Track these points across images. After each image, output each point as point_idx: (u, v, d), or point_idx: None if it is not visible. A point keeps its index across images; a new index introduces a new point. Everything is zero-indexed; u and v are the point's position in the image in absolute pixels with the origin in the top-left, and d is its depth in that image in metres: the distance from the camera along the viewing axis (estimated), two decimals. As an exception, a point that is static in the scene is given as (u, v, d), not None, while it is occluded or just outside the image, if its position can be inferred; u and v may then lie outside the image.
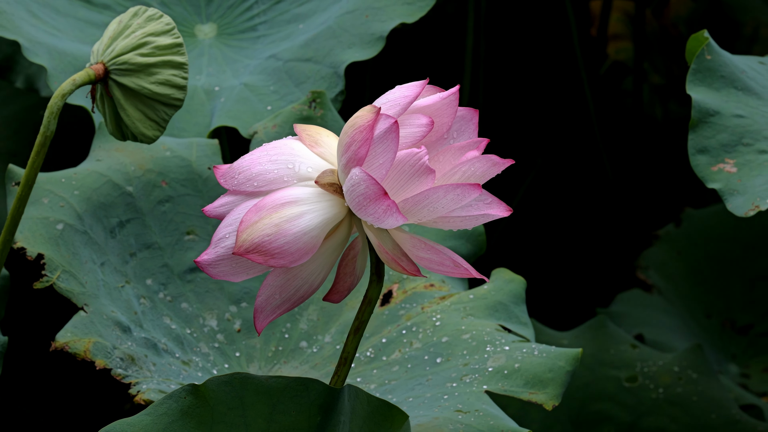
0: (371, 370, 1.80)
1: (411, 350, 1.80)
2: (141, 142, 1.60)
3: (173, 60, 1.58)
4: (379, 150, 1.33)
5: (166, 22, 1.59)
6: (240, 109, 2.22)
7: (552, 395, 1.65)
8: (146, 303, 1.83)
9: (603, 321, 2.79)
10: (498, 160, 1.36)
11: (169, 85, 1.58)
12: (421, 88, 1.37)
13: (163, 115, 1.59)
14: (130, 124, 1.58)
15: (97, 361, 1.67)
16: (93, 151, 1.94)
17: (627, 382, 2.73)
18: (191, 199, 1.93)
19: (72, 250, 1.77)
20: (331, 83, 2.24)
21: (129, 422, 1.39)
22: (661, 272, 3.13)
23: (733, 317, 3.09)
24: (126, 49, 1.57)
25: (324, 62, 2.25)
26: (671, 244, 3.17)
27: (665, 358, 2.75)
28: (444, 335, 1.79)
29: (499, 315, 1.83)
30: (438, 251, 1.37)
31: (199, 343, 1.84)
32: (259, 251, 1.34)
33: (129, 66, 1.57)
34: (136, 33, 1.58)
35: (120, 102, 1.58)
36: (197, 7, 2.46)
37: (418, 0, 2.29)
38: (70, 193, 1.84)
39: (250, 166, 1.38)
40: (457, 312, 1.83)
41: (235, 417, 1.41)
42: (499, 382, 1.67)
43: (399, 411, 1.43)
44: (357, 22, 2.28)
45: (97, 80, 1.57)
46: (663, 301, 3.09)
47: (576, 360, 1.68)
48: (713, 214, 3.20)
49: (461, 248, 1.94)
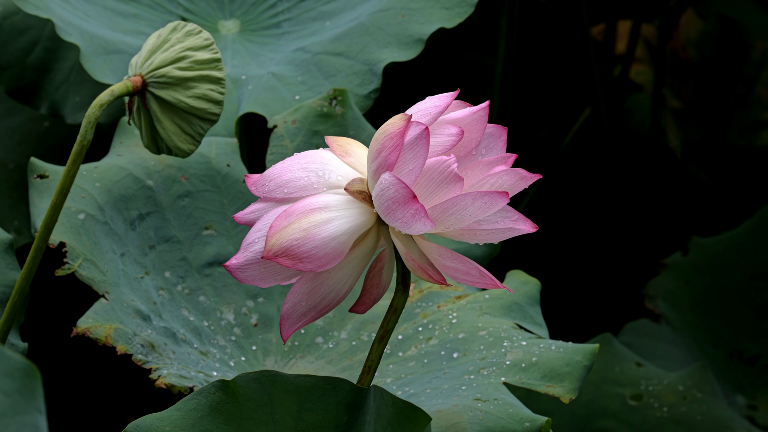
0: (387, 366, 1.80)
1: (427, 346, 1.80)
2: (176, 155, 1.61)
3: (211, 75, 1.60)
4: (409, 156, 1.34)
5: (205, 38, 1.61)
6: (268, 96, 2.22)
7: (569, 389, 1.66)
8: (165, 295, 1.84)
9: (608, 338, 2.80)
10: (526, 174, 1.38)
11: (205, 100, 1.59)
12: (452, 98, 1.39)
13: (198, 129, 1.61)
14: (166, 137, 1.60)
15: (118, 346, 1.68)
16: (114, 147, 1.96)
17: (632, 400, 2.73)
18: (210, 195, 1.94)
19: (93, 240, 1.78)
20: (365, 80, 2.24)
21: (158, 417, 1.41)
22: (668, 301, 3.13)
23: (740, 348, 3.09)
24: (165, 62, 1.58)
25: (357, 58, 2.26)
26: (678, 272, 3.17)
27: (670, 378, 2.75)
28: (461, 332, 1.80)
29: (515, 315, 1.84)
30: (464, 260, 1.39)
31: (216, 335, 1.84)
32: (287, 255, 1.35)
33: (167, 79, 1.58)
34: (175, 47, 1.59)
35: (156, 115, 1.59)
36: (221, 3, 2.47)
37: (456, 6, 2.30)
38: (92, 184, 1.85)
39: (281, 173, 1.40)
40: (473, 311, 1.84)
41: (264, 414, 1.42)
42: (517, 375, 1.68)
43: (422, 413, 1.44)
44: (393, 21, 2.29)
45: (134, 92, 1.58)
46: (671, 331, 3.08)
47: (593, 355, 1.69)
48: (721, 243, 3.20)
49: (475, 249, 1.95)
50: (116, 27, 2.32)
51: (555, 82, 3.67)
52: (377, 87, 2.23)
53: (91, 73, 2.17)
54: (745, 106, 3.60)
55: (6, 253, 1.82)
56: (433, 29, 2.26)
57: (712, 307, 3.13)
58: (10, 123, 2.73)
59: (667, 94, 3.58)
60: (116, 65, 2.21)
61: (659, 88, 3.45)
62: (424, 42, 2.25)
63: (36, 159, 1.86)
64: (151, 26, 2.37)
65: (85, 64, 2.16)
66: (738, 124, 3.61)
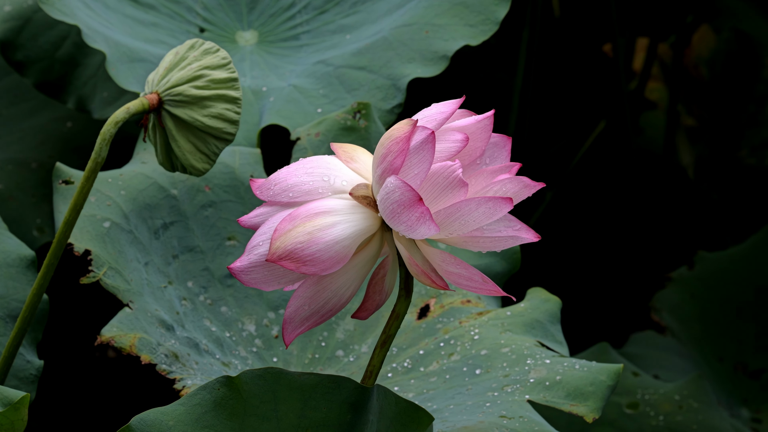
0: (408, 380, 1.80)
1: (449, 362, 1.80)
2: (190, 174, 1.61)
3: (227, 94, 1.60)
4: (415, 161, 1.35)
5: (222, 56, 1.60)
6: (290, 108, 2.22)
7: (593, 408, 1.66)
8: (187, 305, 1.84)
9: (605, 348, 2.81)
10: (529, 182, 1.39)
11: (221, 119, 1.59)
12: (457, 105, 1.39)
13: (213, 149, 1.60)
14: (181, 156, 1.60)
15: (142, 356, 1.67)
16: (137, 153, 1.95)
17: (628, 409, 2.74)
18: (233, 206, 1.94)
19: (118, 248, 1.78)
20: (388, 94, 2.24)
21: (163, 411, 1.41)
22: (674, 314, 3.14)
23: (745, 361, 3.09)
24: (181, 80, 1.58)
25: (380, 72, 2.26)
26: (684, 286, 3.18)
27: (666, 387, 2.77)
28: (483, 348, 1.80)
29: (536, 332, 1.84)
30: (467, 267, 1.39)
31: (238, 346, 1.84)
32: (291, 258, 1.36)
33: (183, 98, 1.58)
34: (192, 65, 1.59)
35: (172, 133, 1.59)
36: (239, 14, 2.47)
37: (480, 24, 2.29)
38: (117, 192, 1.85)
39: (286, 177, 1.40)
40: (495, 327, 1.84)
41: (267, 410, 1.42)
42: (541, 393, 1.68)
43: (425, 412, 1.44)
44: (416, 37, 2.28)
45: (150, 110, 1.58)
46: (676, 343, 3.09)
47: (617, 375, 1.69)
48: (726, 257, 3.21)
49: (496, 265, 1.95)
50: (137, 35, 2.32)
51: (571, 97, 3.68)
52: (401, 102, 2.23)
53: (117, 80, 2.17)
54: (756, 124, 3.61)
55: (28, 269, 1.83)
56: (457, 46, 2.25)
57: (717, 320, 3.14)
58: (33, 123, 2.74)
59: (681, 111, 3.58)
60: (139, 73, 2.21)
61: (674, 106, 3.46)
62: (448, 59, 2.25)
63: (61, 164, 1.86)
64: (171, 35, 2.37)
65: (110, 71, 2.16)
66: (749, 142, 3.61)
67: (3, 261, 1.82)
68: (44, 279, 1.57)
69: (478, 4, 2.30)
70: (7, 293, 1.79)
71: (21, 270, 1.83)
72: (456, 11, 2.30)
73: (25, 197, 2.62)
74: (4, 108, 2.76)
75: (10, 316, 1.78)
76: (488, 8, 2.30)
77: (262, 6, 2.49)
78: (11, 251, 1.84)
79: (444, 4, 2.31)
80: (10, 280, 1.81)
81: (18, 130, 2.74)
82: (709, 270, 3.20)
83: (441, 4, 2.31)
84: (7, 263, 1.82)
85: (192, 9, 2.43)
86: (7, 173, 2.65)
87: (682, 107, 3.58)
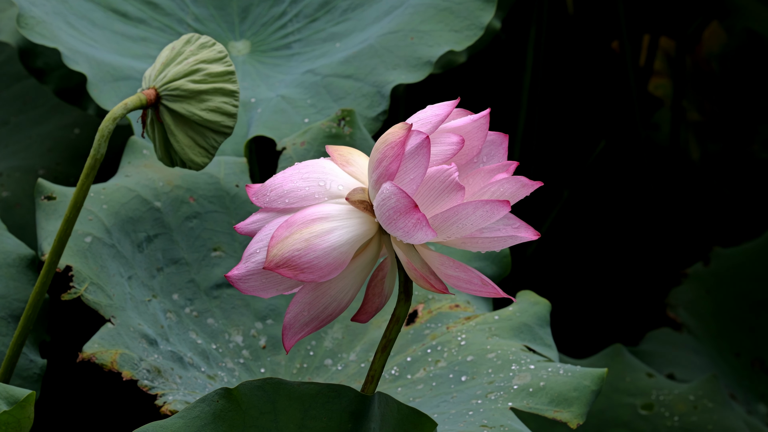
0: (396, 388, 1.79)
1: (436, 369, 1.79)
2: (189, 168, 1.61)
3: (224, 87, 1.60)
4: (410, 165, 1.34)
5: (219, 50, 1.60)
6: (277, 119, 2.22)
7: (577, 413, 1.65)
8: (172, 317, 1.84)
9: (619, 349, 2.81)
10: (527, 182, 1.37)
11: (219, 113, 1.59)
12: (452, 107, 1.38)
13: (212, 142, 1.60)
14: (180, 150, 1.60)
15: (123, 372, 1.67)
16: (122, 167, 1.96)
17: (643, 410, 2.73)
18: (219, 216, 1.94)
19: (100, 263, 1.78)
20: (373, 102, 2.24)
21: (161, 425, 1.40)
22: (690, 311, 3.13)
23: (762, 357, 3.08)
24: (178, 75, 1.58)
25: (366, 80, 2.25)
26: (700, 282, 3.17)
27: (681, 388, 2.76)
28: (469, 354, 1.79)
29: (524, 336, 1.83)
30: (466, 269, 1.38)
31: (225, 358, 1.84)
32: (289, 266, 1.35)
33: (180, 92, 1.58)
34: (189, 60, 1.59)
35: (170, 128, 1.59)
36: (231, 24, 2.47)
37: (465, 29, 2.28)
38: (99, 207, 1.85)
39: (282, 183, 1.39)
40: (482, 332, 1.83)
41: (267, 422, 1.41)
42: (524, 400, 1.67)
43: (428, 419, 1.43)
44: (401, 44, 2.28)
45: (148, 105, 1.58)
46: (692, 339, 3.08)
47: (601, 380, 1.68)
48: (742, 253, 3.19)
49: (486, 269, 1.94)
50: (125, 52, 2.32)
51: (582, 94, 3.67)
52: (385, 109, 2.22)
53: (97, 101, 2.17)
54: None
55: (28, 268, 1.83)
56: (441, 52, 2.25)
57: (733, 316, 3.13)
58: (40, 130, 2.75)
59: (688, 108, 3.56)
60: (124, 92, 2.21)
61: (678, 101, 3.44)
62: (432, 64, 2.25)
63: (43, 180, 1.86)
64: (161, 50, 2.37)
65: (91, 92, 2.17)
66: (761, 137, 3.59)
67: (3, 261, 1.83)
68: (47, 277, 1.57)
69: (464, 9, 2.29)
70: (8, 293, 1.80)
71: (21, 270, 1.83)
72: (441, 17, 2.29)
73: (32, 204, 2.64)
74: (13, 116, 2.78)
75: (12, 315, 1.79)
76: (473, 13, 2.29)
77: (254, 15, 2.49)
78: (11, 251, 1.84)
79: (429, 10, 2.30)
80: (10, 280, 1.82)
81: (25, 137, 2.75)
82: (724, 266, 3.19)
83: (427, 10, 2.31)
84: (7, 263, 1.83)
85: (183, 21, 2.44)
86: (14, 180, 2.67)
87: (690, 103, 3.56)
